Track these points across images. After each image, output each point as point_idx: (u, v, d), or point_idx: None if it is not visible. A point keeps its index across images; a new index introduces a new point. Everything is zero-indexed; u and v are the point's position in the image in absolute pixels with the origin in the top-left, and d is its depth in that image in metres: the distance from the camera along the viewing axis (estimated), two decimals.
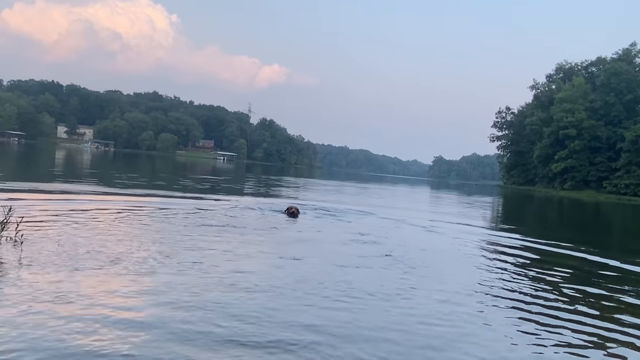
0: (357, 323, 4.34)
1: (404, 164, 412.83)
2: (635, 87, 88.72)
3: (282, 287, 5.29)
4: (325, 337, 3.91)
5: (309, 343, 3.76)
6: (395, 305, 5.06)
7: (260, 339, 3.74)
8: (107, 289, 4.64)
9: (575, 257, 9.88)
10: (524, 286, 6.55)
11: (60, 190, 13.24)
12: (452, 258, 8.71)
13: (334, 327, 4.16)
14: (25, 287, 4.40)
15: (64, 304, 4.08)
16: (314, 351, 3.62)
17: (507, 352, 4.08)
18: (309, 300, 4.91)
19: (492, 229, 15.68)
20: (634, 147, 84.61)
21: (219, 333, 3.79)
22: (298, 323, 4.18)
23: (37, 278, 4.71)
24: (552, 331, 4.68)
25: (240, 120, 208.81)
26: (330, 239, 9.42)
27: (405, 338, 4.13)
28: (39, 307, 3.95)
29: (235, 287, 5.11)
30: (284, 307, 4.60)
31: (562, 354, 4.15)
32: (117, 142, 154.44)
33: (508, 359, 3.95)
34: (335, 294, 5.17)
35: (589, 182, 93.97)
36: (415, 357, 3.78)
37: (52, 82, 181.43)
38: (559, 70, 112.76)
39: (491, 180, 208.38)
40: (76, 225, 7.75)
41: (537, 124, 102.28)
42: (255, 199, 16.78)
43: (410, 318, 4.68)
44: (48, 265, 5.20)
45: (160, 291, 4.72)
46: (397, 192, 39.98)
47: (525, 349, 4.16)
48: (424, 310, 4.96)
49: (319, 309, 4.66)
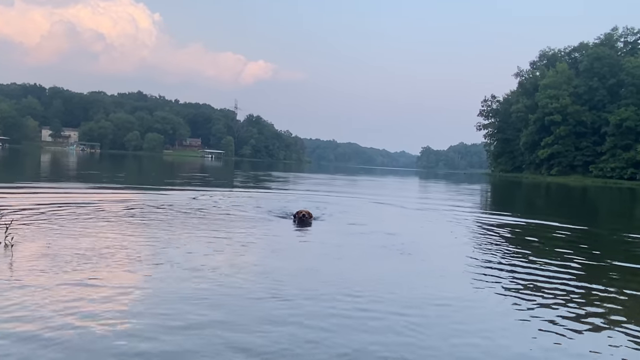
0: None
1: (392, 155, 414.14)
2: (618, 71, 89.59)
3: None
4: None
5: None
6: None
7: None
8: (95, 293, 4.63)
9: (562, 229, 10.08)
10: (532, 264, 6.67)
11: (48, 191, 13.12)
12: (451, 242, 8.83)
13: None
14: (17, 291, 4.39)
15: (55, 309, 4.07)
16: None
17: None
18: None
19: (484, 213, 15.84)
20: (619, 130, 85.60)
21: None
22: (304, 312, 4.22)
23: (29, 282, 4.70)
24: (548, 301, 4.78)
25: (227, 117, 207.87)
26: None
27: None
28: (30, 313, 3.94)
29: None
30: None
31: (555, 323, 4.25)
32: (103, 144, 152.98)
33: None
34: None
35: (575, 167, 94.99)
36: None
37: (34, 85, 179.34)
38: (542, 57, 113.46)
39: (479, 168, 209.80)
40: (65, 226, 7.70)
41: (523, 111, 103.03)
42: (253, 198, 15.52)
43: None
44: (40, 269, 5.19)
45: (153, 300, 4.71)
46: (387, 184, 40.10)
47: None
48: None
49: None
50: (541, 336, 4.15)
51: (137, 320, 3.85)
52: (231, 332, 3.73)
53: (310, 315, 4.23)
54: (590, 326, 4.47)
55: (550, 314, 4.74)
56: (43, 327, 3.58)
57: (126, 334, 3.58)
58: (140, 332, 3.62)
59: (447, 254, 8.02)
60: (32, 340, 3.37)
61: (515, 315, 4.68)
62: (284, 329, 3.87)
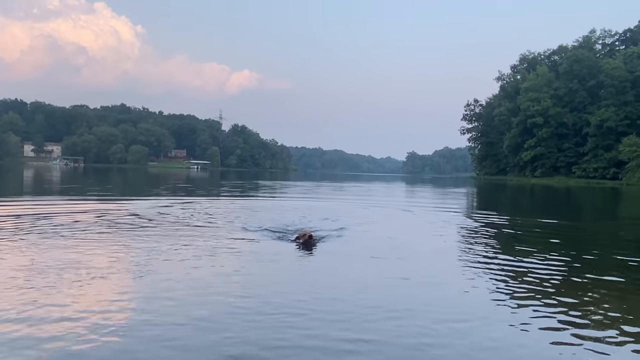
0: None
1: (378, 161, 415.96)
2: (597, 73, 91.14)
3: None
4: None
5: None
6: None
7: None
8: (86, 304, 4.60)
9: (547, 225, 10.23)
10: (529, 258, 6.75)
11: (32, 205, 12.95)
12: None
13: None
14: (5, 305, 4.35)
15: (45, 323, 4.04)
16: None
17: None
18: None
19: (472, 214, 15.99)
20: (599, 131, 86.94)
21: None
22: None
23: (15, 299, 4.65)
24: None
25: (212, 127, 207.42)
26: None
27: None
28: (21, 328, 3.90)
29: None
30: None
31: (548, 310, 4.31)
32: (87, 157, 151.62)
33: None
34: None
35: (558, 168, 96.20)
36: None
37: (15, 100, 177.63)
38: (522, 61, 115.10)
39: (464, 172, 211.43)
40: (49, 239, 7.63)
41: (505, 114, 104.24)
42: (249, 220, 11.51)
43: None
44: (25, 284, 5.14)
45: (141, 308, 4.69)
46: (375, 190, 40.21)
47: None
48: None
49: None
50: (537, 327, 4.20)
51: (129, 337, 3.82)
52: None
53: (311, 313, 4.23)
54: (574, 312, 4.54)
55: (541, 304, 4.81)
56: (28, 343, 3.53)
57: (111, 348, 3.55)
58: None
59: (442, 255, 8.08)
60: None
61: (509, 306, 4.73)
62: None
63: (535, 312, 4.67)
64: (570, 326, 4.31)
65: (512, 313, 4.66)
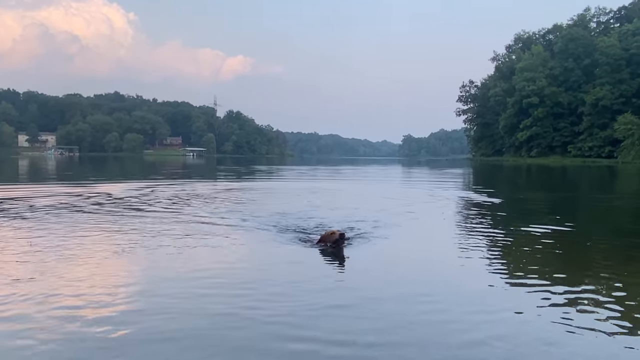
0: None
1: (374, 145, 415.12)
2: (592, 52, 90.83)
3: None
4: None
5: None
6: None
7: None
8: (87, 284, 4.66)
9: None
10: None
11: (30, 191, 12.97)
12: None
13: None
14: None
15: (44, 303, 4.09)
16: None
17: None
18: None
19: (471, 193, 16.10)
20: (595, 110, 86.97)
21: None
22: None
23: (17, 280, 4.71)
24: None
25: (207, 114, 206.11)
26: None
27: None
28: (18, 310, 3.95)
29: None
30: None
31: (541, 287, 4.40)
32: (82, 146, 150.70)
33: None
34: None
35: (554, 148, 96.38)
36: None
37: (8, 89, 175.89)
38: (517, 41, 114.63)
39: (460, 154, 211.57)
40: (48, 223, 7.68)
41: (501, 95, 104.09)
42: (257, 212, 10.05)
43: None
44: (24, 268, 5.20)
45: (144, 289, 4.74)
46: (373, 173, 40.27)
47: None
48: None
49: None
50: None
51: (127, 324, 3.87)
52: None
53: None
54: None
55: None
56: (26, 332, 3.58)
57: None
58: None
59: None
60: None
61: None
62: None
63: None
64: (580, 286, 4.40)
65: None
